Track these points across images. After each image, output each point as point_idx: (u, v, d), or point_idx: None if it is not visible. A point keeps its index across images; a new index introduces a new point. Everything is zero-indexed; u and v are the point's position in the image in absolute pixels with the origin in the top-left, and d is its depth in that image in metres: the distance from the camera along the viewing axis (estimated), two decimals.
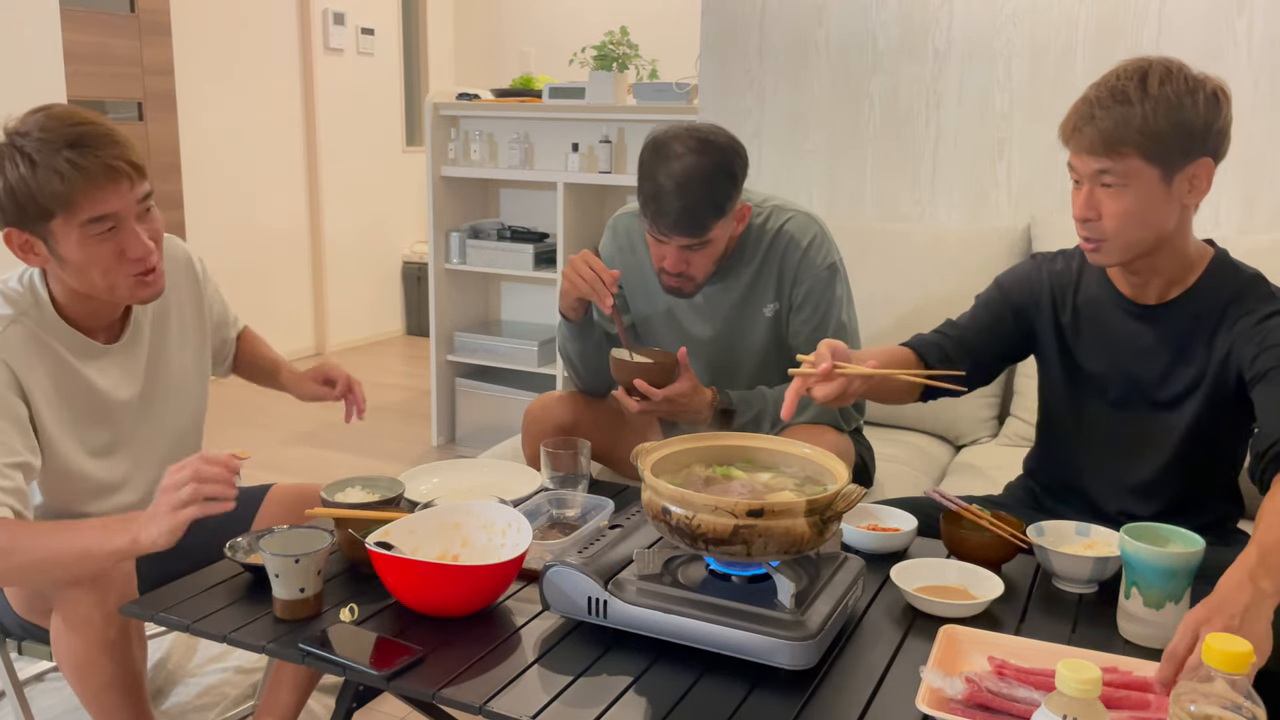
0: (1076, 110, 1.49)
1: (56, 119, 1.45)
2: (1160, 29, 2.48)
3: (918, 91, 2.78)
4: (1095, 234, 1.51)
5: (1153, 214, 1.48)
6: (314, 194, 5.48)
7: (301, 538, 1.38)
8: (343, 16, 5.52)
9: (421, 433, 4.25)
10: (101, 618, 1.47)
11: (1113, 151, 1.45)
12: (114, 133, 1.48)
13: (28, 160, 1.42)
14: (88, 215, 1.46)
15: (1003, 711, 1.10)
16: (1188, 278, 1.57)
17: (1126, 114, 1.43)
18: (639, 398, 1.82)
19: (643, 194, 1.80)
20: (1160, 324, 1.58)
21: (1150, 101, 1.43)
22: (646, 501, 1.28)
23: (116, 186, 1.47)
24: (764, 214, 1.96)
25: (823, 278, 1.93)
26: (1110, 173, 1.46)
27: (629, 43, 3.70)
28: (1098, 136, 1.45)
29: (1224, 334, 1.53)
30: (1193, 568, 1.28)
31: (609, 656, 1.24)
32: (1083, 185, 1.50)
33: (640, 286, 2.00)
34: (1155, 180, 1.46)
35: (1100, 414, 1.66)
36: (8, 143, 1.45)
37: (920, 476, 2.28)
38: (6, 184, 1.44)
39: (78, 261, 1.49)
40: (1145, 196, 1.46)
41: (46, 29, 3.52)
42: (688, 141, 1.77)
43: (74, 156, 1.42)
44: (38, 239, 1.49)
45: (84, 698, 1.54)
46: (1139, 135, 1.43)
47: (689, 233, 1.78)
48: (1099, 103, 1.46)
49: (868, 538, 1.54)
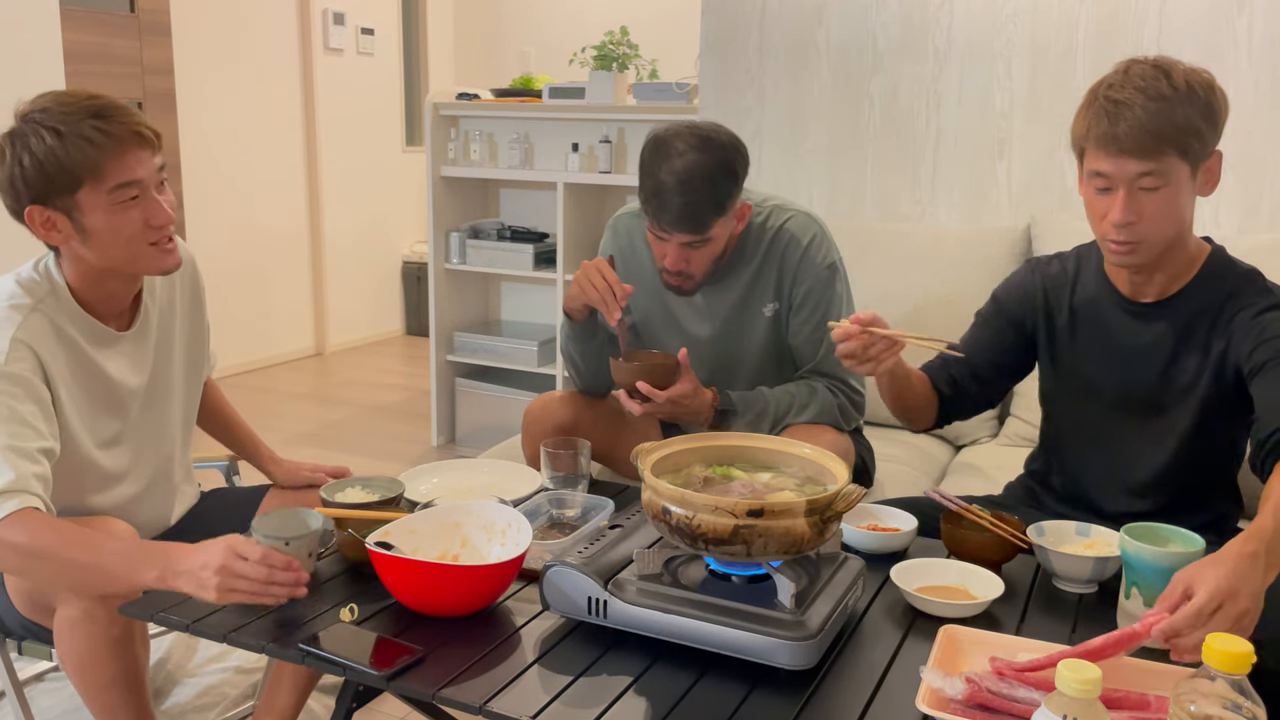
0: (1105, 112, 1.44)
1: (72, 95, 1.51)
2: (1160, 29, 2.48)
3: (918, 91, 2.78)
4: (1134, 236, 1.48)
5: (1183, 210, 1.48)
6: (314, 194, 5.48)
7: (293, 520, 1.38)
8: (343, 16, 5.52)
9: (421, 433, 4.25)
10: (106, 615, 1.48)
11: (1157, 151, 1.42)
12: (127, 106, 1.54)
13: (53, 132, 1.46)
14: (115, 181, 1.50)
15: (1003, 711, 1.10)
16: (1186, 274, 1.57)
17: (1165, 110, 1.41)
18: (641, 400, 1.82)
19: (644, 191, 1.80)
20: (1158, 321, 1.58)
21: (1182, 97, 1.41)
22: (646, 501, 1.28)
23: (140, 153, 1.52)
24: (764, 213, 1.96)
25: (823, 277, 1.93)
26: (1153, 174, 1.43)
27: (629, 43, 3.70)
28: (1143, 137, 1.41)
29: (1221, 329, 1.53)
30: None
31: (609, 656, 1.24)
32: (1116, 190, 1.46)
33: (641, 286, 2.00)
34: (1186, 176, 1.45)
35: (1100, 414, 1.66)
36: (27, 121, 1.49)
37: (920, 476, 2.28)
38: (33, 159, 1.47)
39: (103, 230, 1.52)
40: (1179, 193, 1.46)
41: (46, 29, 3.52)
42: (689, 139, 1.78)
43: (100, 124, 1.48)
44: (61, 214, 1.51)
45: (86, 695, 1.54)
46: (1179, 132, 1.41)
47: (690, 229, 1.78)
48: (1131, 103, 1.42)
49: (868, 538, 1.54)
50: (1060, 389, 1.71)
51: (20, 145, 1.48)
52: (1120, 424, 1.64)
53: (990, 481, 2.09)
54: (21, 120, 1.50)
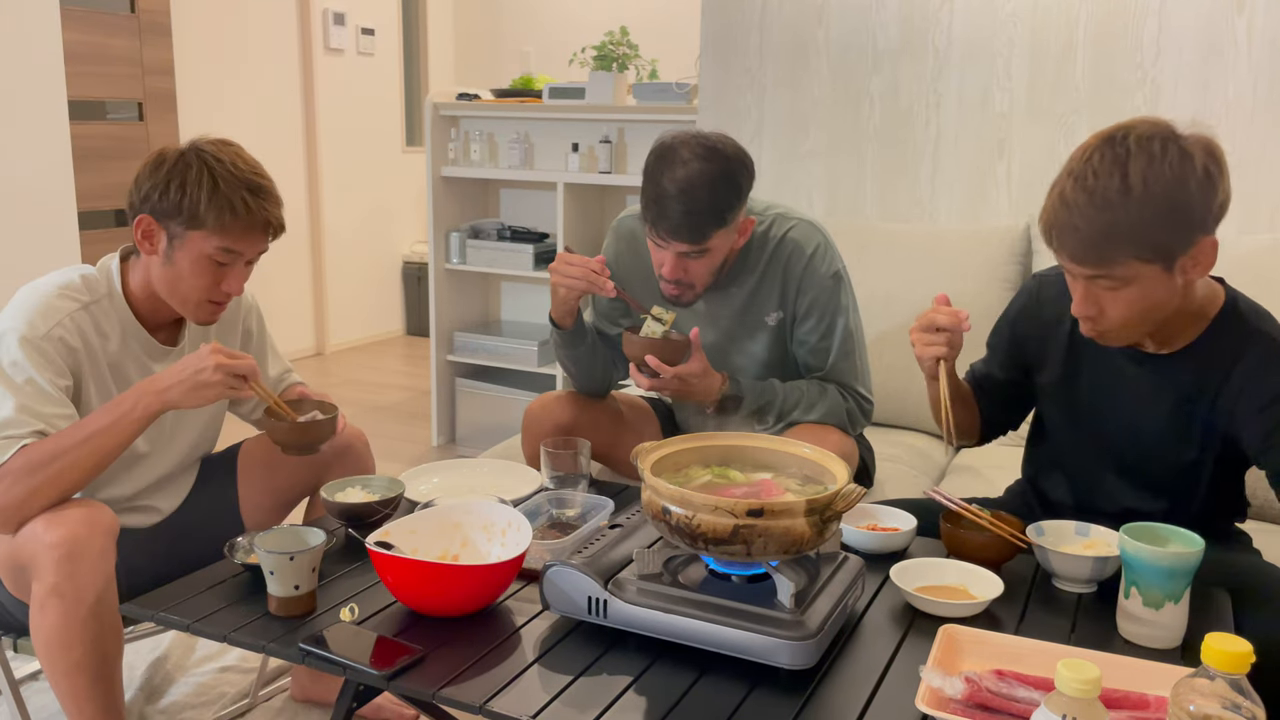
0: (1053, 212, 1.35)
1: (245, 159, 1.67)
2: (1160, 29, 2.48)
3: (918, 91, 2.78)
4: (1098, 329, 1.42)
5: (1159, 301, 1.37)
6: (314, 194, 5.48)
7: (296, 535, 1.39)
8: (343, 17, 5.52)
9: (421, 433, 4.25)
10: (73, 592, 1.49)
11: (1105, 261, 1.32)
12: (278, 193, 1.70)
13: (211, 179, 1.61)
14: (225, 245, 1.64)
15: (1003, 711, 1.10)
16: (1196, 328, 1.47)
17: (1112, 221, 1.29)
18: (650, 375, 1.80)
19: (645, 198, 1.79)
20: (1163, 373, 1.51)
21: (1135, 204, 1.28)
22: (646, 501, 1.28)
23: (260, 236, 1.67)
24: (767, 222, 1.95)
25: (828, 287, 1.93)
26: (1107, 278, 1.35)
27: (629, 43, 3.70)
28: (1083, 249, 1.32)
29: (1227, 397, 1.46)
30: (1192, 568, 1.28)
31: (609, 656, 1.24)
32: (1077, 281, 1.39)
33: (645, 289, 2.00)
34: (1156, 273, 1.33)
35: (1097, 446, 1.62)
36: (200, 156, 1.63)
37: (920, 476, 2.28)
38: (180, 188, 1.61)
39: (182, 270, 1.65)
40: (1148, 290, 1.35)
41: (46, 29, 3.52)
42: (695, 148, 1.76)
43: (250, 200, 1.63)
44: (165, 234, 1.65)
45: (53, 679, 1.55)
46: (1129, 244, 1.30)
47: (688, 239, 1.77)
48: (1078, 209, 1.31)
49: (868, 538, 1.54)
50: (1058, 415, 1.66)
51: (181, 168, 1.62)
52: (1118, 458, 1.60)
53: (989, 482, 2.09)
54: (196, 151, 1.64)
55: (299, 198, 5.42)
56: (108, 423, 1.55)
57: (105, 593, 1.52)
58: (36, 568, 1.50)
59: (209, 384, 1.55)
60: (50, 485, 1.52)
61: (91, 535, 1.50)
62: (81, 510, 1.53)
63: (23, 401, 1.55)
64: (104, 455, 1.55)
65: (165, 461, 1.82)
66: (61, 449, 1.52)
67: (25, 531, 1.52)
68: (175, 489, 1.87)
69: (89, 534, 1.50)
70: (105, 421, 1.55)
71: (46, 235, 3.55)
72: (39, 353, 1.58)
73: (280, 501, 1.93)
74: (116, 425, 1.55)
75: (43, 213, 3.52)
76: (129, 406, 1.56)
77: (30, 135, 3.41)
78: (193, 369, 1.55)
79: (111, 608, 1.54)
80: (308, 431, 1.69)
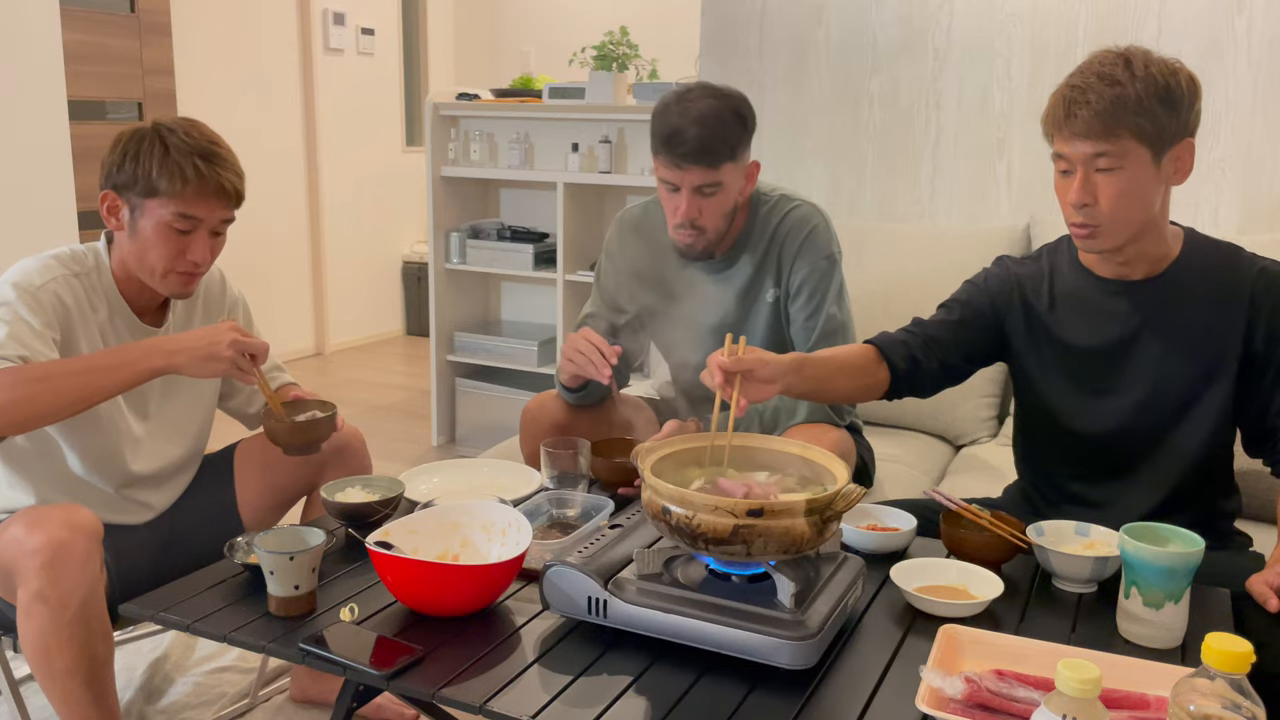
0: (1063, 97, 1.50)
1: (200, 130, 1.69)
2: (1160, 29, 2.48)
3: (918, 91, 2.78)
4: (1091, 219, 1.51)
5: (1145, 195, 1.50)
6: (314, 194, 5.48)
7: (296, 535, 1.39)
8: (343, 17, 5.52)
9: (421, 433, 4.25)
10: (57, 597, 1.48)
11: (1109, 133, 1.46)
12: (237, 163, 1.72)
13: (164, 148, 1.64)
14: (181, 210, 1.65)
15: (1003, 711, 1.10)
16: (1167, 258, 1.59)
17: (1120, 94, 1.44)
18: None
19: (659, 136, 1.83)
20: (1145, 298, 1.59)
21: (1139, 82, 1.45)
22: (646, 501, 1.28)
23: (215, 202, 1.68)
24: (770, 201, 1.99)
25: (820, 267, 1.95)
26: (1106, 155, 1.47)
27: (629, 43, 3.70)
28: (1094, 119, 1.46)
29: (1217, 310, 1.55)
30: (1192, 567, 1.28)
31: (609, 656, 1.24)
32: (1075, 172, 1.51)
33: (648, 276, 2.01)
34: (1147, 161, 1.47)
35: (1087, 407, 1.63)
36: (155, 129, 1.67)
37: (920, 476, 2.28)
38: (135, 158, 1.65)
39: (146, 240, 1.67)
40: (1139, 177, 1.48)
41: (46, 29, 3.51)
42: (703, 90, 1.86)
43: (201, 166, 1.65)
44: (126, 206, 1.67)
45: (44, 683, 1.54)
46: (1133, 115, 1.45)
47: (706, 161, 1.81)
48: (1089, 88, 1.47)
49: (868, 538, 1.54)
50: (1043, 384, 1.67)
51: (135, 140, 1.66)
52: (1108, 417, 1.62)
53: (990, 482, 2.09)
54: (153, 124, 1.67)
55: (299, 197, 5.42)
56: (109, 364, 1.55)
57: (90, 596, 1.50)
58: (20, 574, 1.49)
59: (219, 358, 1.56)
60: (30, 400, 1.50)
61: (74, 539, 1.49)
62: (63, 514, 1.52)
63: (13, 331, 1.56)
64: (93, 392, 1.54)
65: (156, 450, 1.80)
66: (52, 372, 1.53)
67: (6, 537, 1.52)
68: (168, 486, 1.86)
69: (71, 538, 1.49)
70: (107, 362, 1.55)
71: (46, 235, 3.55)
72: (33, 299, 1.61)
73: (278, 501, 1.93)
74: (116, 369, 1.55)
75: (42, 213, 3.52)
76: (135, 356, 1.56)
77: (30, 135, 3.41)
78: (207, 339, 1.57)
79: (99, 611, 1.52)
80: (308, 431, 1.69)
